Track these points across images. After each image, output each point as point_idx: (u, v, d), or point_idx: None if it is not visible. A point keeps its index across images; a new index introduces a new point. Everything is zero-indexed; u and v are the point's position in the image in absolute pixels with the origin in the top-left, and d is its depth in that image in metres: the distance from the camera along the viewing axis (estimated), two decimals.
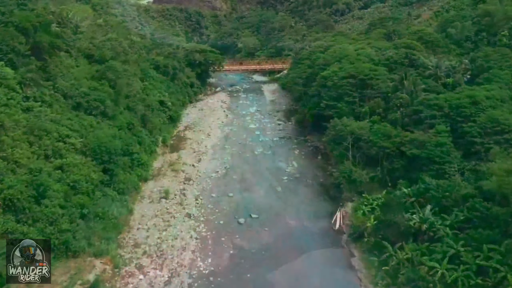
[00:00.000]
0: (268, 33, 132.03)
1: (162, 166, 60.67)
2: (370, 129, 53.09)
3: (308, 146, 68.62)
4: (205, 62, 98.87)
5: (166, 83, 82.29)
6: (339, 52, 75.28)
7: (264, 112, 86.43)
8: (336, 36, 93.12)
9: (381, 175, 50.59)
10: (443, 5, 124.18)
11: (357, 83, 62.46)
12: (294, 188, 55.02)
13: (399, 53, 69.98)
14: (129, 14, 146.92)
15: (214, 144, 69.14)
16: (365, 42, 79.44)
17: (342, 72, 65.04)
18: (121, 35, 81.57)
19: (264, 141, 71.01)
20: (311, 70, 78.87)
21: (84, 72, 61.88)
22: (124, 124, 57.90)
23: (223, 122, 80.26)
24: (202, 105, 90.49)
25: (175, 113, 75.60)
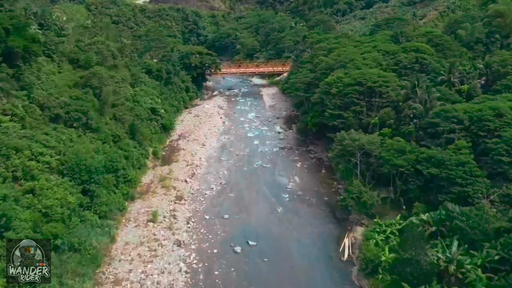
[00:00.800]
0: (267, 34, 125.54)
1: (152, 182, 54.64)
2: (381, 143, 47.05)
3: (311, 157, 62.60)
4: (201, 65, 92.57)
5: (159, 89, 76.16)
6: (343, 56, 69.19)
7: (263, 118, 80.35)
8: (340, 37, 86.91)
9: (394, 196, 44.62)
10: (448, 5, 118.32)
11: (364, 91, 56.38)
12: (296, 208, 49.07)
13: (408, 57, 63.94)
14: (124, 14, 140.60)
15: (209, 156, 63.09)
16: (371, 45, 73.26)
17: (347, 79, 58.97)
18: (111, 38, 75.39)
19: (263, 152, 64.98)
20: (313, 75, 72.79)
21: (66, 79, 55.91)
22: (109, 137, 51.84)
23: (219, 130, 74.16)
24: (198, 111, 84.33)
25: (168, 121, 69.46)
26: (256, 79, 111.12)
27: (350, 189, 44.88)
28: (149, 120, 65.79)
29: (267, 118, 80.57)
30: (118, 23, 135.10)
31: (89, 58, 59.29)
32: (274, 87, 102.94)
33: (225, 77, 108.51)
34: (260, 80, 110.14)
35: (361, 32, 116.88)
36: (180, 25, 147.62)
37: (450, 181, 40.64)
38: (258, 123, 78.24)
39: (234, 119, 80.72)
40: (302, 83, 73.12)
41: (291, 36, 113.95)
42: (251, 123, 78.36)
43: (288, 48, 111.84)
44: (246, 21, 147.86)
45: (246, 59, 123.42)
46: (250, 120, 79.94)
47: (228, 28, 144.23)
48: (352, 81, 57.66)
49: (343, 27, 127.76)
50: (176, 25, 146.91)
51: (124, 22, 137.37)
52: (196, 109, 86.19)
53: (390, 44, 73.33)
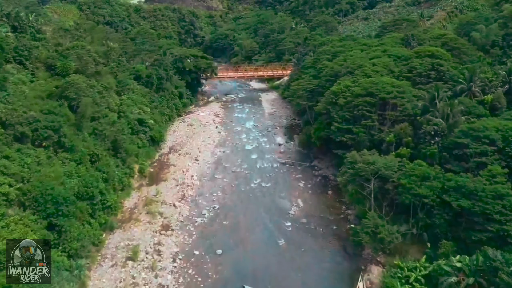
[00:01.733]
0: (266, 35, 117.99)
1: (136, 207, 47.27)
2: (399, 167, 39.66)
3: (315, 175, 55.21)
4: (196, 70, 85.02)
5: (149, 96, 68.71)
6: (350, 61, 61.75)
7: (263, 128, 72.92)
8: (344, 40, 79.42)
9: (416, 230, 37.30)
10: (456, 5, 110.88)
11: (376, 102, 48.99)
12: (300, 240, 41.72)
13: (423, 63, 56.46)
14: (118, 14, 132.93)
15: (202, 173, 55.67)
16: (379, 49, 65.74)
17: (356, 88, 51.53)
18: (96, 41, 67.82)
19: (262, 168, 57.61)
20: (317, 82, 65.40)
21: (39, 89, 48.56)
22: (85, 157, 44.38)
23: (214, 141, 66.70)
24: (192, 119, 76.82)
25: (157, 133, 61.97)
26: (255, 83, 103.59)
27: (364, 222, 37.46)
28: (136, 133, 58.35)
29: (267, 127, 73.13)
30: (111, 24, 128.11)
31: (67, 65, 51.83)
32: (274, 91, 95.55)
33: (222, 81, 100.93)
34: (259, 84, 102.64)
35: (365, 34, 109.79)
36: (176, 25, 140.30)
37: (485, 217, 33.35)
38: (257, 133, 70.82)
39: (231, 128, 73.26)
40: (305, 90, 65.61)
41: (292, 38, 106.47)
42: (249, 133, 70.94)
43: (288, 51, 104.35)
44: (244, 21, 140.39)
45: (245, 61, 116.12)
46: (248, 130, 72.51)
47: (226, 29, 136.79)
48: (362, 91, 50.22)
49: (345, 28, 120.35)
50: (172, 25, 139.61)
51: (117, 22, 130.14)
52: (190, 117, 78.69)
53: (401, 48, 65.76)
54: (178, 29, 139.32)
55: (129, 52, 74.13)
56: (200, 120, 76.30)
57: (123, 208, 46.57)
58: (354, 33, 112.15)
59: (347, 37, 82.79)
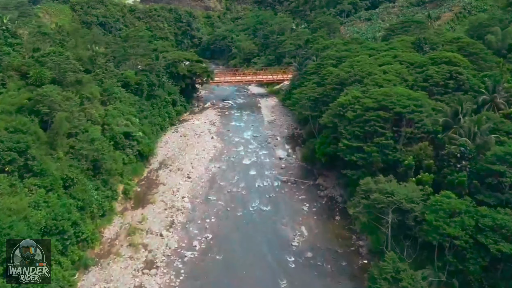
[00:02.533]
0: (266, 36, 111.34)
1: (117, 236, 40.86)
2: (422, 197, 33.25)
3: (320, 196, 48.79)
4: (190, 75, 78.46)
5: (138, 105, 62.18)
6: (358, 68, 55.26)
7: (262, 139, 66.44)
8: (349, 43, 72.86)
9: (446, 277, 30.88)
10: (464, 5, 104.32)
11: (391, 117, 42.46)
12: (305, 280, 35.32)
13: (440, 71, 49.97)
14: (112, 14, 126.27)
15: (194, 194, 49.23)
16: (390, 54, 59.20)
17: (367, 100, 45.01)
18: (80, 45, 61.21)
19: (261, 187, 51.18)
20: (321, 90, 58.83)
21: (8, 102, 42.08)
22: (57, 181, 37.87)
23: (209, 154, 60.23)
24: (186, 129, 70.35)
25: (146, 147, 55.46)
26: (254, 88, 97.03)
27: (383, 266, 31.04)
28: (121, 147, 51.86)
29: (266, 138, 66.64)
30: (105, 25, 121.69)
31: (41, 73, 45.23)
32: (274, 97, 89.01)
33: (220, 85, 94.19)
34: (258, 89, 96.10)
35: (368, 35, 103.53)
36: (173, 26, 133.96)
37: None
38: (256, 145, 64.33)
39: (228, 139, 66.77)
40: (308, 99, 59.06)
41: (292, 40, 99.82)
42: (247, 144, 64.45)
43: (289, 53, 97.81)
44: (243, 22, 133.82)
45: (243, 64, 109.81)
46: (246, 141, 66.03)
47: (224, 30, 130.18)
48: (374, 103, 43.70)
49: (347, 29, 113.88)
50: (168, 26, 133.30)
51: (111, 23, 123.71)
52: (184, 125, 72.18)
53: (413, 53, 59.21)
54: (174, 30, 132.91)
55: (117, 57, 67.45)
56: (194, 130, 69.80)
57: (103, 238, 40.17)
58: (357, 34, 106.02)
59: (352, 40, 76.19)
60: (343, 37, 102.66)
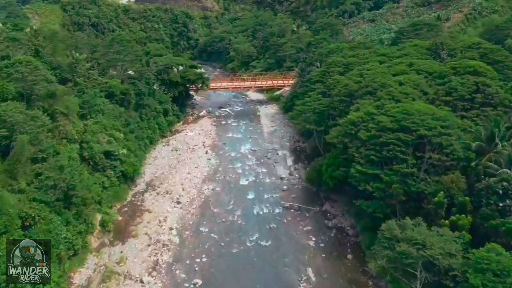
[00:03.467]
0: (265, 38, 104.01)
1: (89, 283, 33.68)
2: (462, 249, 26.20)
3: (329, 226, 41.74)
4: (184, 81, 71.22)
5: (124, 117, 54.99)
6: (369, 78, 48.11)
7: (261, 153, 59.34)
8: (356, 48, 65.57)
9: None
10: (474, 6, 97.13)
11: (413, 141, 35.28)
12: None
13: (465, 83, 42.82)
14: (105, 15, 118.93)
15: (183, 224, 42.14)
16: (404, 62, 51.98)
17: (384, 118, 37.89)
18: (59, 51, 53.92)
19: (260, 215, 44.13)
20: (327, 101, 51.80)
21: None
22: (14, 222, 30.67)
23: (202, 173, 53.13)
24: (178, 142, 63.23)
25: (131, 166, 48.31)
26: (252, 93, 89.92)
27: None
28: (102, 169, 44.72)
29: (266, 152, 59.53)
30: (97, 26, 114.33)
31: (3, 88, 37.96)
32: (274, 104, 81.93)
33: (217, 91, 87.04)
34: (257, 95, 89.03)
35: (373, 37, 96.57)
36: (168, 27, 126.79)
37: None
38: (254, 160, 57.24)
39: (224, 153, 59.68)
40: (313, 111, 51.94)
41: (293, 43, 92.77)
42: (245, 160, 57.38)
43: (289, 57, 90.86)
44: (241, 23, 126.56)
45: (241, 67, 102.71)
46: (244, 156, 58.96)
47: (222, 31, 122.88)
48: (393, 123, 36.55)
49: (351, 30, 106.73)
50: (164, 27, 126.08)
51: (104, 24, 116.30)
52: (176, 137, 65.07)
53: (430, 61, 52.06)
54: (170, 32, 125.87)
55: (102, 64, 60.13)
56: (187, 143, 62.65)
57: (72, 286, 33.01)
58: (360, 36, 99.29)
59: (359, 45, 68.78)
60: (346, 39, 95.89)
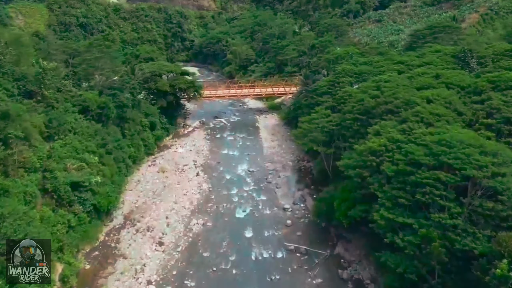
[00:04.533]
0: (265, 40, 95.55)
1: None
2: None
3: (343, 279, 33.48)
4: (174, 90, 62.92)
5: (100, 135, 46.60)
6: (389, 92, 39.88)
7: (260, 175, 51.23)
8: (367, 53, 57.28)
9: None
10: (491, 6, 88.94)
11: (457, 182, 27.04)
12: None
13: (509, 101, 34.61)
14: (94, 15, 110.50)
15: (165, 276, 33.82)
16: (428, 72, 43.68)
17: (415, 149, 29.74)
18: (25, 59, 45.62)
19: (259, 260, 35.91)
20: (337, 118, 43.65)
21: None
22: None
23: (192, 202, 44.92)
24: (166, 160, 55.07)
25: (105, 198, 39.98)
26: (251, 101, 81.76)
27: None
28: (68, 203, 36.50)
29: (266, 174, 51.40)
30: (86, 26, 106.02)
31: None
32: (274, 114, 73.80)
33: None
34: (256, 103, 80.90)
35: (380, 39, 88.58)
36: (162, 27, 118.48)
37: None
38: (252, 184, 49.07)
39: (218, 175, 51.52)
40: (321, 131, 43.71)
41: (295, 45, 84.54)
42: (242, 184, 49.20)
43: (291, 61, 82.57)
44: (239, 23, 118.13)
45: (239, 71, 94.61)
46: (241, 178, 50.82)
47: (218, 32, 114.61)
48: (428, 157, 28.38)
49: (356, 31, 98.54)
50: (157, 28, 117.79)
51: (93, 24, 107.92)
52: (164, 155, 56.89)
53: (459, 71, 43.76)
54: (163, 32, 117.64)
55: (78, 72, 51.82)
56: (176, 162, 54.45)
57: None
58: (367, 38, 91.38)
59: (370, 49, 60.51)
60: (352, 40, 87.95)
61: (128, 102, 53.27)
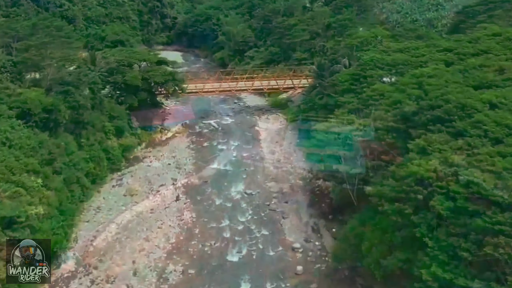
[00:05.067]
0: (266, 18, 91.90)
1: None
2: None
3: None
4: (147, 86, 58.96)
5: (46, 148, 42.39)
6: (436, 93, 35.77)
7: (261, 198, 47.40)
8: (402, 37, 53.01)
9: None
10: None
11: None
12: None
13: None
14: None
15: None
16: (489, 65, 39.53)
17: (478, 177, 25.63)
18: None
19: None
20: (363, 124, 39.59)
21: None
22: None
23: (168, 240, 40.78)
24: (137, 178, 51.22)
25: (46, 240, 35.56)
26: (249, 96, 78.14)
27: None
28: None
29: (269, 197, 47.52)
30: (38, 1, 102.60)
31: None
32: (279, 113, 70.13)
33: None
34: (255, 99, 77.37)
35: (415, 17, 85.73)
36: (137, 1, 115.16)
37: None
38: (251, 213, 45.08)
39: (204, 200, 47.55)
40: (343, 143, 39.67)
41: (306, 25, 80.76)
42: (236, 213, 45.16)
43: (301, 45, 78.80)
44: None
45: (234, 58, 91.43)
46: (235, 204, 46.85)
47: (208, 7, 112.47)
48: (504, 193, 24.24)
49: (383, 6, 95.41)
50: (130, 1, 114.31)
51: None
52: (134, 171, 53.00)
53: None
54: (138, 7, 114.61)
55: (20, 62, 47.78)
56: (149, 181, 50.57)
57: None
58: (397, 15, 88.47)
59: (407, 32, 56.34)
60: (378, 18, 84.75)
61: (86, 102, 49.45)
